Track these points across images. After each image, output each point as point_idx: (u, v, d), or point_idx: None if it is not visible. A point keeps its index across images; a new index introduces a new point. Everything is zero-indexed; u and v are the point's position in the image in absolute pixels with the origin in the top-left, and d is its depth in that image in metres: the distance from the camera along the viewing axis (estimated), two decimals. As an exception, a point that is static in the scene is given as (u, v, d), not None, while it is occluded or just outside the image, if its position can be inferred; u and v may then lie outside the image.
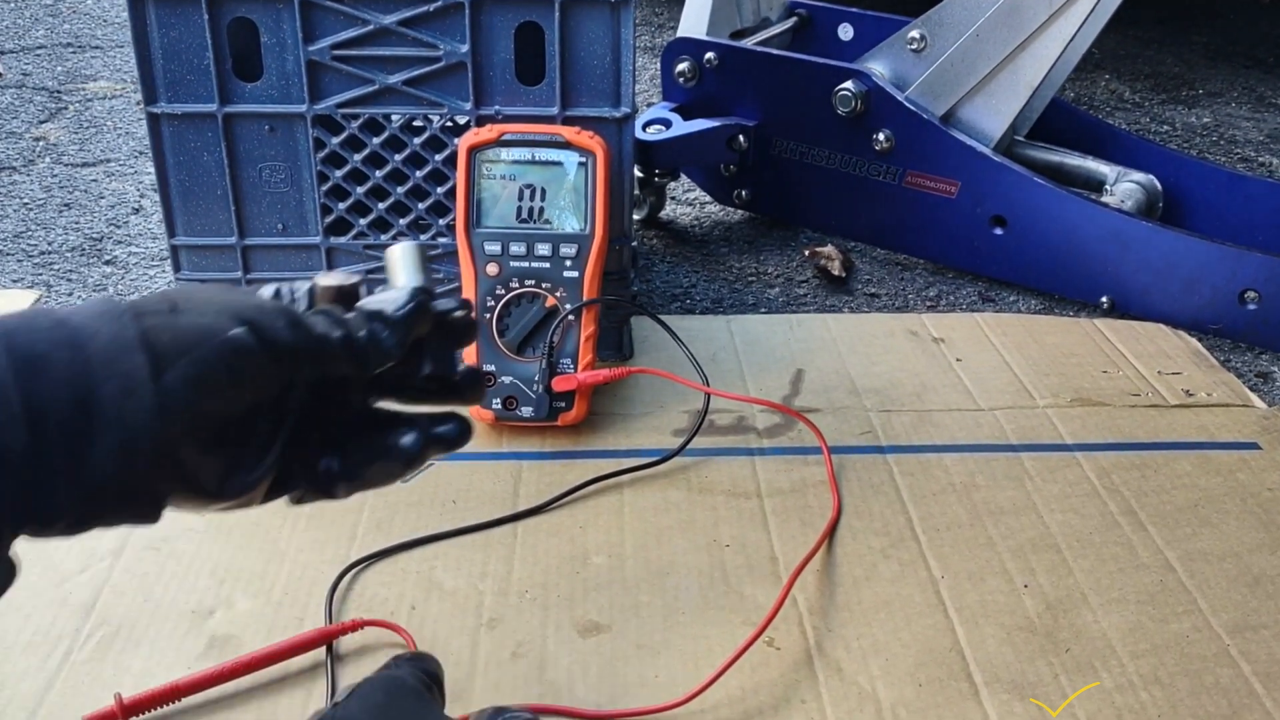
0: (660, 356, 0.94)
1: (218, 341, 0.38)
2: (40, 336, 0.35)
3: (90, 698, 0.59)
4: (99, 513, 0.37)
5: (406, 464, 0.45)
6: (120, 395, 0.35)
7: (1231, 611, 0.68)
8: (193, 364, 0.37)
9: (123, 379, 0.36)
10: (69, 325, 0.36)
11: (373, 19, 0.83)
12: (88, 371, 0.35)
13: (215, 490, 0.40)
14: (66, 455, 0.35)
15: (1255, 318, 1.03)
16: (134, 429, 0.36)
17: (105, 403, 0.35)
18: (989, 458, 0.83)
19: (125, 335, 0.36)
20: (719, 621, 0.66)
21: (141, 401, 0.36)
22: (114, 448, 0.35)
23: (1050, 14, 1.05)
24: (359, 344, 0.42)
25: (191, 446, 0.38)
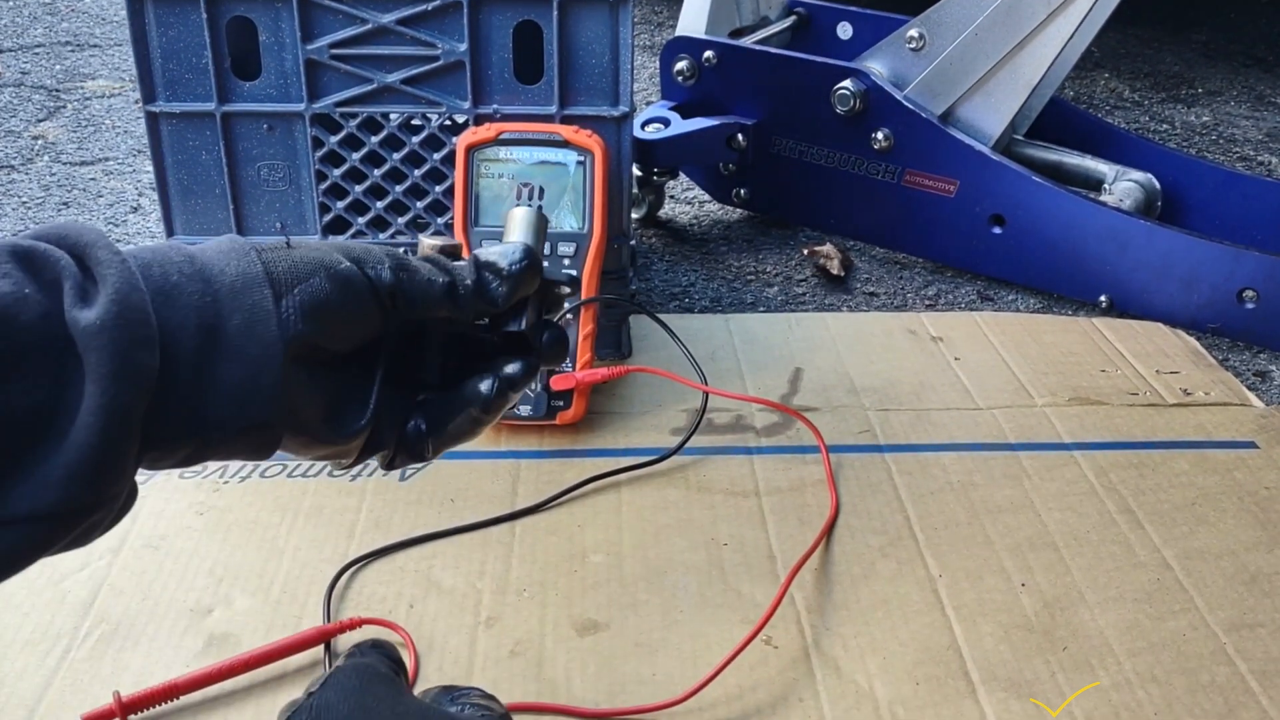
0: (659, 355, 0.94)
1: (329, 272, 0.40)
2: (173, 268, 0.37)
3: (89, 696, 0.60)
4: (218, 442, 0.38)
5: (484, 409, 0.46)
6: (245, 327, 0.37)
7: (1228, 610, 0.68)
8: (306, 291, 0.39)
9: (248, 312, 0.38)
10: (199, 261, 0.38)
11: (371, 18, 0.83)
12: (216, 304, 0.37)
13: (322, 431, 0.41)
14: (193, 381, 0.37)
15: (1253, 316, 1.03)
16: (257, 358, 0.38)
17: (232, 334, 0.37)
18: (987, 456, 0.83)
19: (252, 271, 0.38)
20: (717, 620, 0.66)
21: (267, 332, 0.38)
22: (238, 376, 0.37)
23: (1049, 13, 1.05)
24: (465, 290, 0.44)
25: (305, 381, 0.40)
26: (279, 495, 0.76)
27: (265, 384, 0.38)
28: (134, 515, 0.73)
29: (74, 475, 0.33)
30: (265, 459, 0.41)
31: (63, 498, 0.34)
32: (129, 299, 0.35)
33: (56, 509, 0.34)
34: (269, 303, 0.38)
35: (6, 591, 0.66)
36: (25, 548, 0.34)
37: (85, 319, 0.34)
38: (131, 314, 0.35)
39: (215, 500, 0.76)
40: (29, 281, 0.34)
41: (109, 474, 0.35)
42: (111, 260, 0.36)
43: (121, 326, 0.34)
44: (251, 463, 0.79)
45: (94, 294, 0.35)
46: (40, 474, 0.33)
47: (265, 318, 0.38)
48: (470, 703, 0.46)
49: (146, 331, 0.35)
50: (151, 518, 0.74)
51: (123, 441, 0.35)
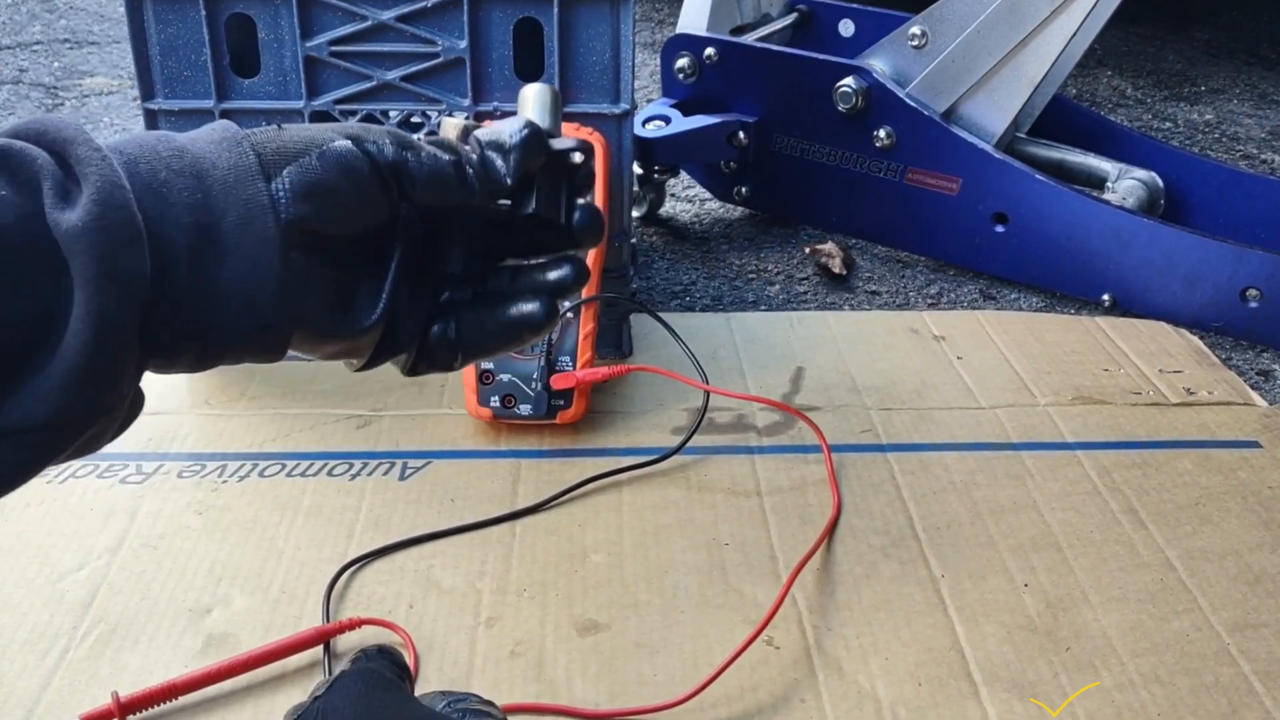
0: (660, 354, 0.94)
1: (322, 150, 0.38)
2: (161, 164, 0.35)
3: (87, 696, 0.59)
4: (223, 346, 0.37)
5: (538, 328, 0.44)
6: (242, 223, 0.36)
7: (1231, 610, 0.68)
8: (299, 171, 0.37)
9: (243, 206, 0.36)
10: (189, 153, 0.36)
11: (370, 15, 0.83)
12: (209, 200, 0.35)
13: (331, 325, 0.39)
14: (191, 282, 0.35)
15: (1257, 315, 1.03)
16: (255, 255, 0.36)
17: (228, 230, 0.35)
18: (990, 456, 0.82)
19: (245, 162, 0.36)
20: (718, 620, 0.66)
21: (264, 226, 0.36)
22: (238, 275, 0.35)
23: (1052, 10, 1.05)
24: (471, 167, 0.41)
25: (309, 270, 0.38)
26: (278, 495, 0.76)
27: (265, 282, 0.36)
28: (132, 515, 0.73)
29: (66, 385, 0.32)
30: (276, 360, 0.38)
31: (56, 409, 0.32)
32: (111, 197, 0.33)
33: (50, 420, 0.32)
34: (264, 196, 0.36)
35: (5, 591, 0.66)
36: (22, 460, 0.33)
37: (66, 221, 0.32)
38: (115, 214, 0.33)
39: (214, 500, 0.75)
40: (4, 183, 0.33)
41: (103, 383, 0.33)
42: (92, 157, 0.34)
43: (104, 228, 0.32)
44: (251, 461, 0.79)
45: (75, 194, 0.33)
46: (33, 385, 0.32)
47: (261, 212, 0.36)
48: (470, 709, 0.45)
49: (131, 232, 0.33)
50: (150, 517, 0.73)
51: (116, 349, 0.33)
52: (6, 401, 0.32)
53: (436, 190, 0.40)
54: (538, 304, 0.43)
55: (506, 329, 0.43)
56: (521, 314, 0.43)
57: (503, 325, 0.43)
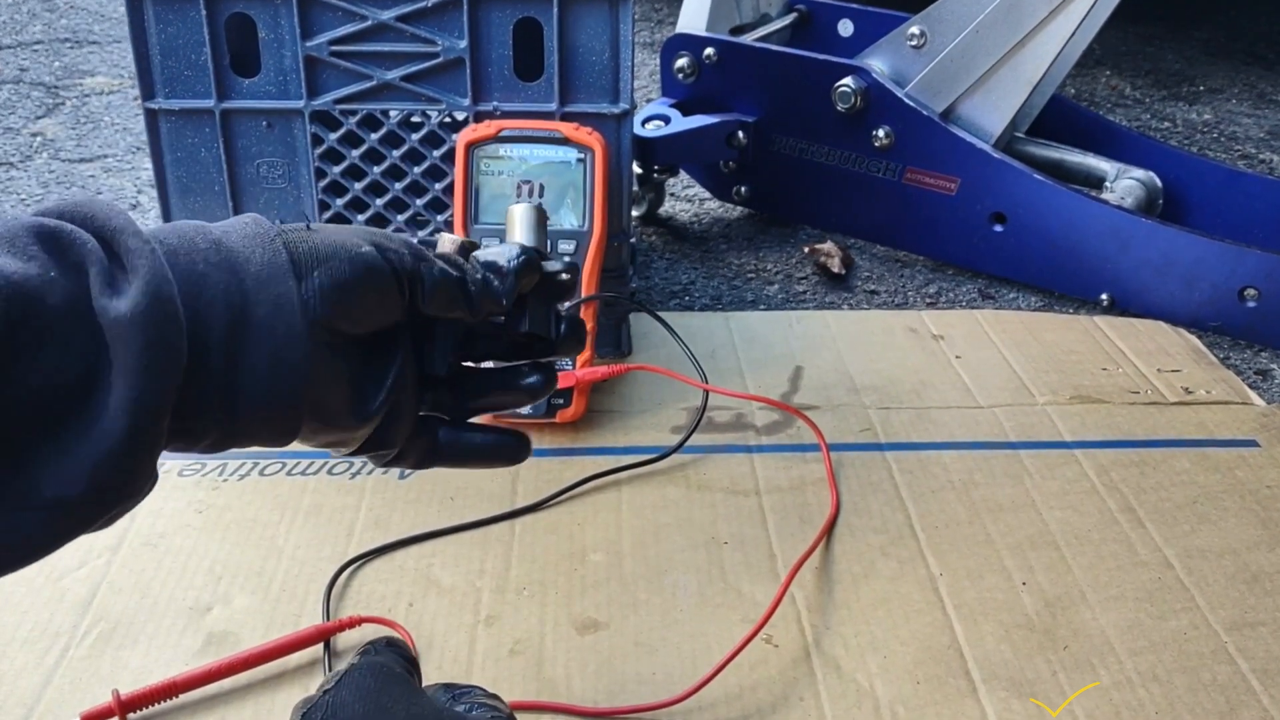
0: (659, 353, 0.94)
1: (351, 255, 0.40)
2: (199, 256, 0.37)
3: (88, 694, 0.59)
4: (243, 430, 0.39)
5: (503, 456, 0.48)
6: (272, 314, 0.38)
7: (1229, 609, 0.68)
8: (329, 273, 0.40)
9: (274, 301, 0.38)
10: (225, 246, 0.38)
11: (371, 14, 0.83)
12: (243, 293, 0.38)
13: (337, 416, 0.42)
14: (222, 370, 0.37)
15: (1255, 315, 1.03)
16: (284, 343, 0.38)
17: (258, 322, 0.38)
18: (988, 455, 0.83)
19: (278, 260, 0.39)
20: (717, 619, 0.66)
21: (292, 317, 0.38)
22: (265, 360, 0.38)
23: (1050, 10, 1.05)
24: (474, 285, 0.45)
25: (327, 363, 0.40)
26: (278, 493, 0.76)
27: (291, 366, 0.38)
28: (132, 514, 0.73)
29: (101, 465, 0.33)
30: (284, 445, 0.41)
31: (90, 484, 0.33)
32: (160, 291, 0.34)
33: (83, 497, 0.34)
34: (294, 294, 0.38)
35: (5, 589, 0.66)
36: (48, 533, 0.34)
37: (115, 309, 0.34)
38: (163, 306, 0.34)
39: (214, 498, 0.75)
40: (54, 264, 0.34)
41: (137, 466, 0.35)
42: (141, 249, 0.35)
43: (152, 320, 0.34)
44: (251, 460, 0.79)
45: (123, 283, 0.34)
46: (68, 460, 0.33)
47: (290, 308, 0.38)
48: (475, 702, 0.46)
49: (176, 325, 0.35)
50: (150, 516, 0.73)
51: (151, 435, 0.35)
52: (43, 470, 0.33)
53: (443, 303, 0.44)
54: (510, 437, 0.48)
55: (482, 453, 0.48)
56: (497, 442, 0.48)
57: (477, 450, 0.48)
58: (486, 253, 0.47)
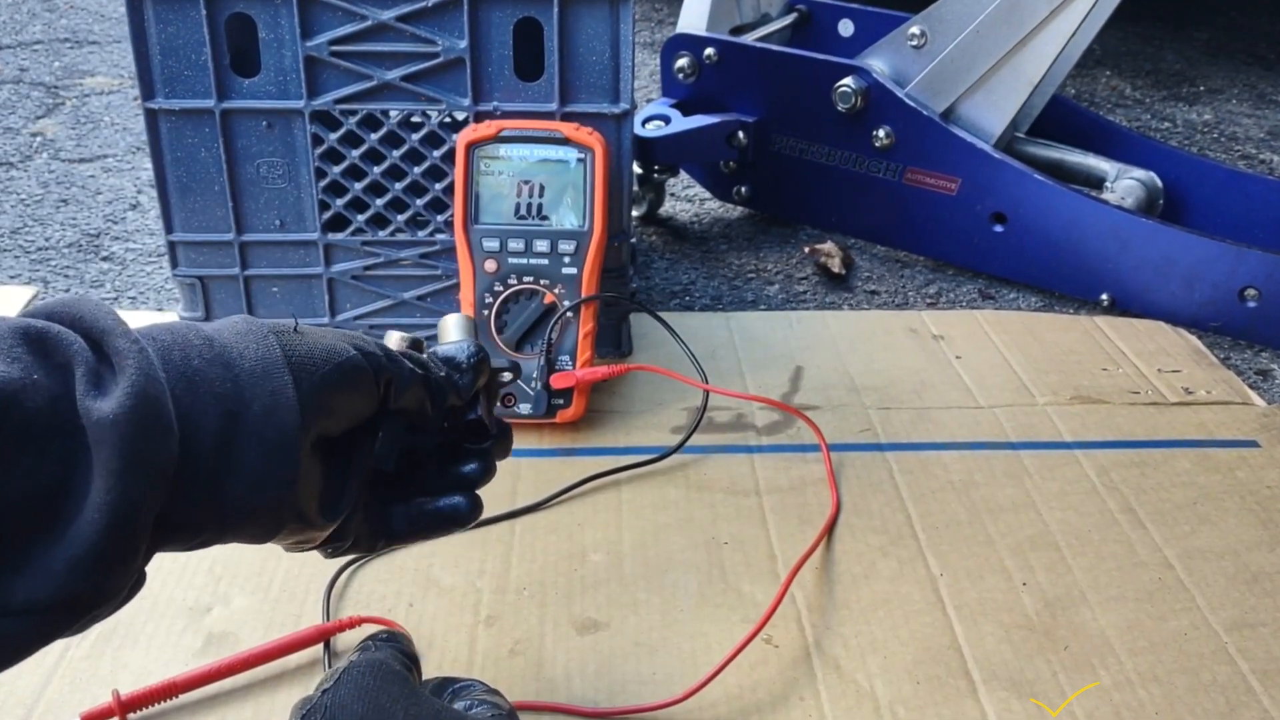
0: (659, 354, 0.94)
1: (342, 359, 0.41)
2: (194, 352, 0.37)
3: (88, 694, 0.59)
4: (231, 527, 0.38)
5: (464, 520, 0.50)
6: (266, 413, 0.38)
7: (1230, 609, 0.68)
8: (323, 379, 0.40)
9: (269, 397, 0.38)
10: (217, 343, 0.38)
11: (371, 14, 0.83)
12: (238, 389, 0.37)
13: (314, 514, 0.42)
14: (213, 468, 0.36)
15: (1255, 315, 1.03)
16: (276, 443, 0.38)
17: (252, 418, 0.37)
18: (988, 455, 0.83)
19: (272, 355, 0.39)
20: (717, 619, 0.66)
21: (288, 417, 0.38)
22: (258, 461, 0.37)
23: (1050, 10, 1.05)
24: (437, 381, 0.47)
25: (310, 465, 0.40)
26: (278, 493, 0.76)
27: (283, 468, 0.38)
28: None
29: (75, 568, 0.33)
30: (260, 543, 0.41)
31: (61, 590, 0.33)
32: (146, 391, 0.34)
33: (54, 602, 0.33)
34: (290, 389, 0.38)
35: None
36: (21, 639, 0.33)
37: (99, 411, 0.33)
38: (148, 407, 0.34)
39: (214, 498, 0.75)
40: (38, 366, 0.33)
41: (112, 569, 0.34)
42: (129, 349, 0.35)
43: (136, 421, 0.33)
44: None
45: (109, 383, 0.34)
46: (42, 565, 0.32)
47: (287, 404, 0.38)
48: (476, 699, 0.46)
49: (162, 425, 0.34)
50: (150, 516, 0.73)
51: (129, 537, 0.34)
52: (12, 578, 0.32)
53: (413, 399, 0.45)
54: (462, 498, 0.50)
55: (437, 520, 0.49)
56: (451, 506, 0.49)
57: (433, 517, 0.49)
58: (442, 348, 0.50)
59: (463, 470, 0.50)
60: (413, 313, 0.92)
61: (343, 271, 0.91)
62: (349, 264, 0.91)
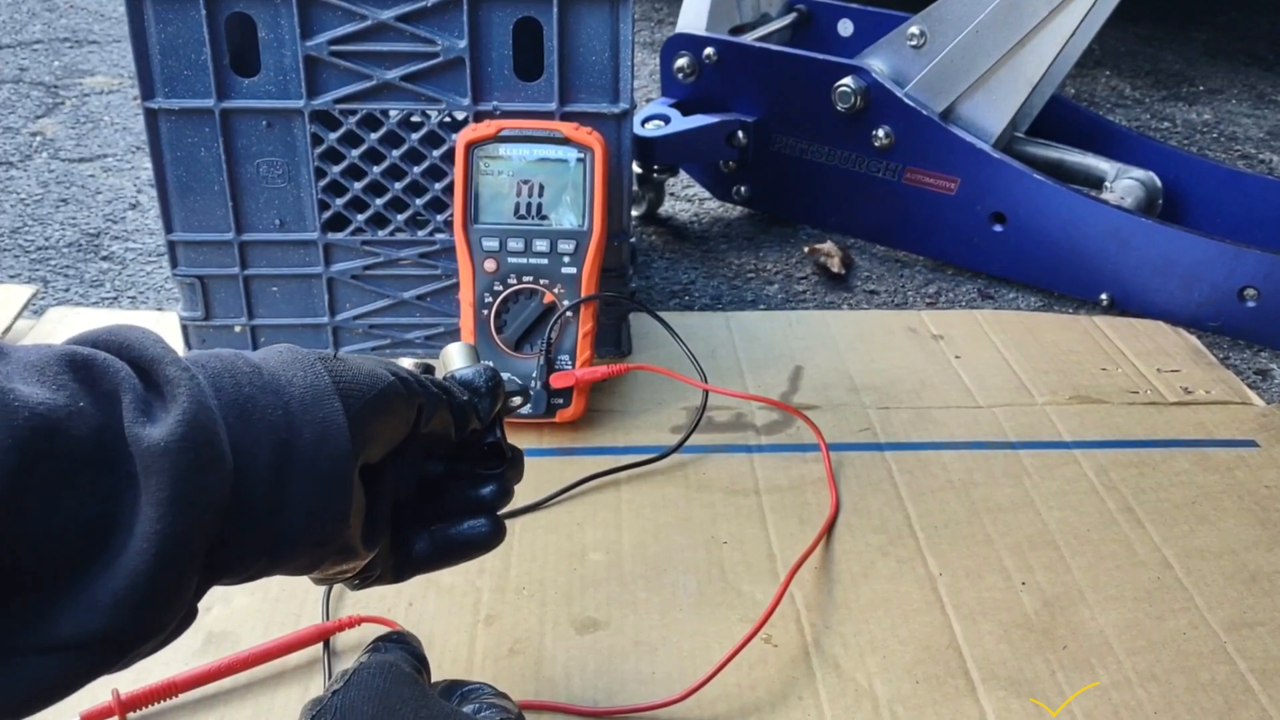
0: (659, 353, 0.94)
1: (385, 384, 0.41)
2: (244, 379, 0.36)
3: (88, 693, 0.59)
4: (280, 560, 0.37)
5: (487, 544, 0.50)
6: (318, 441, 0.37)
7: (1228, 609, 0.68)
8: (368, 405, 0.39)
9: (320, 425, 0.37)
10: (265, 370, 0.37)
11: (370, 14, 0.83)
12: (289, 417, 0.37)
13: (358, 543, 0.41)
14: (267, 500, 0.36)
15: (1254, 315, 1.03)
16: (329, 473, 0.37)
17: (304, 448, 0.36)
18: (987, 455, 0.83)
19: (321, 383, 0.38)
20: (716, 618, 0.66)
21: (339, 446, 0.37)
22: (312, 492, 0.37)
23: (1050, 10, 1.05)
24: (460, 405, 0.47)
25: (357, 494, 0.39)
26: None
27: (337, 499, 0.37)
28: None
29: (122, 603, 0.32)
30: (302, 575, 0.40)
31: (107, 626, 0.32)
32: (197, 419, 0.33)
33: (102, 637, 0.32)
34: (340, 416, 0.37)
35: (5, 589, 0.66)
36: (66, 675, 0.32)
37: (149, 439, 0.32)
38: (199, 436, 0.33)
39: (214, 498, 0.75)
40: (84, 393, 0.32)
41: (160, 603, 0.33)
42: (180, 377, 0.34)
43: (188, 450, 0.32)
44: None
45: (159, 411, 0.33)
46: (87, 599, 0.31)
47: (338, 432, 0.37)
48: (484, 702, 0.45)
49: (216, 455, 0.33)
50: (150, 515, 0.73)
51: (178, 571, 0.33)
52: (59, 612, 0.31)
53: (440, 424, 0.45)
54: (485, 520, 0.49)
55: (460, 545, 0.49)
56: (474, 530, 0.49)
57: (456, 542, 0.49)
58: (460, 372, 0.50)
59: (481, 494, 0.50)
60: (412, 312, 0.92)
61: (342, 271, 0.91)
62: (349, 263, 0.91)
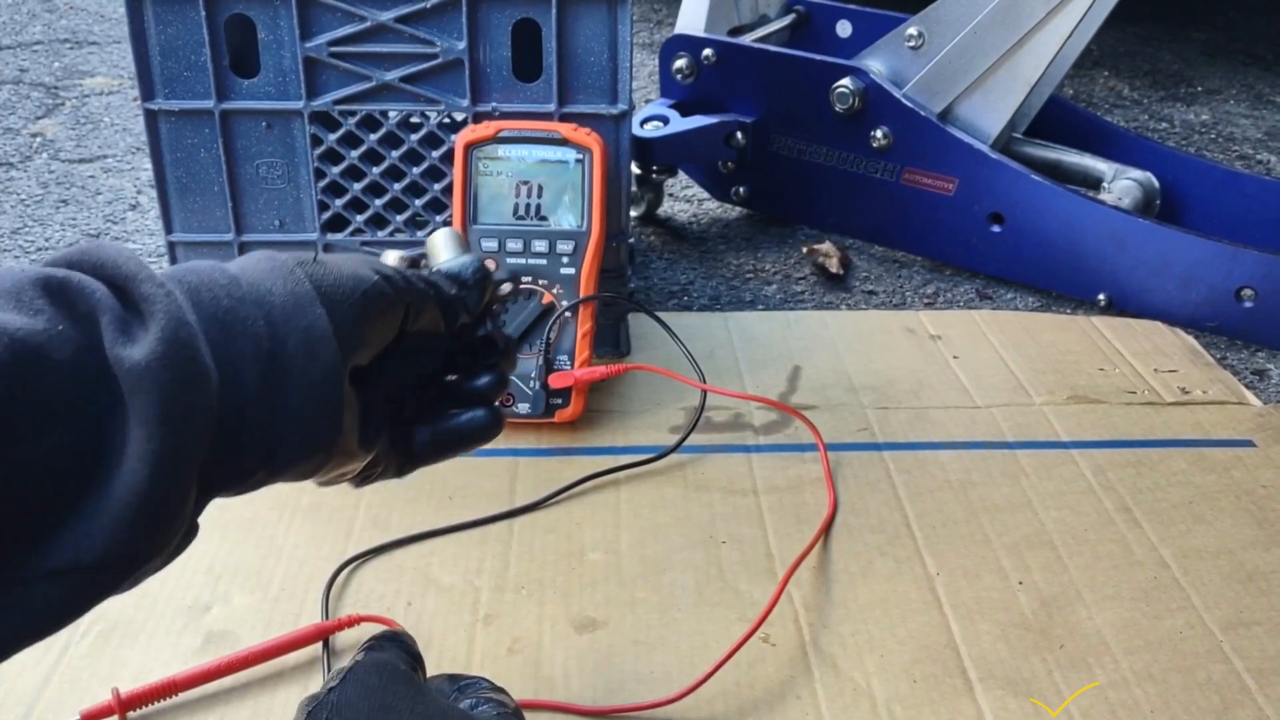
0: (657, 353, 0.94)
1: (368, 285, 0.40)
2: (222, 292, 0.36)
3: (88, 692, 0.60)
4: (279, 470, 0.37)
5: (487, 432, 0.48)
6: (305, 349, 0.36)
7: (1225, 608, 0.68)
8: (354, 308, 0.39)
9: (304, 333, 0.36)
10: (244, 281, 0.37)
11: (370, 15, 0.83)
12: (272, 327, 0.36)
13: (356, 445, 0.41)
14: (260, 410, 0.35)
15: (1251, 315, 1.03)
16: (321, 381, 0.37)
17: (291, 357, 0.36)
18: (985, 455, 0.83)
19: (302, 289, 0.37)
20: (715, 618, 0.66)
21: (327, 352, 0.37)
22: (305, 402, 0.36)
23: (1048, 10, 1.05)
24: (448, 300, 0.45)
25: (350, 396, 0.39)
26: (277, 493, 0.76)
27: (330, 406, 0.37)
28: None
29: (121, 524, 0.31)
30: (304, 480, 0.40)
31: (108, 548, 0.31)
32: (177, 335, 0.33)
33: (102, 559, 0.32)
34: (324, 322, 0.37)
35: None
36: (68, 600, 0.32)
37: (130, 359, 0.32)
38: (181, 351, 0.33)
39: (214, 498, 0.76)
40: (61, 316, 0.32)
41: (159, 522, 0.33)
42: (156, 294, 0.33)
43: (169, 367, 0.32)
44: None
45: (138, 330, 0.33)
46: (84, 525, 0.31)
47: (324, 337, 0.37)
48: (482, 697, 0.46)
49: (196, 368, 0.33)
50: (150, 515, 0.73)
51: (174, 487, 0.33)
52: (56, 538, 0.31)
53: (429, 321, 0.44)
54: (484, 411, 0.48)
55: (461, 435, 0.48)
56: (473, 419, 0.48)
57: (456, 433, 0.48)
58: (444, 265, 0.48)
59: (477, 385, 0.48)
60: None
61: (342, 272, 0.91)
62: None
